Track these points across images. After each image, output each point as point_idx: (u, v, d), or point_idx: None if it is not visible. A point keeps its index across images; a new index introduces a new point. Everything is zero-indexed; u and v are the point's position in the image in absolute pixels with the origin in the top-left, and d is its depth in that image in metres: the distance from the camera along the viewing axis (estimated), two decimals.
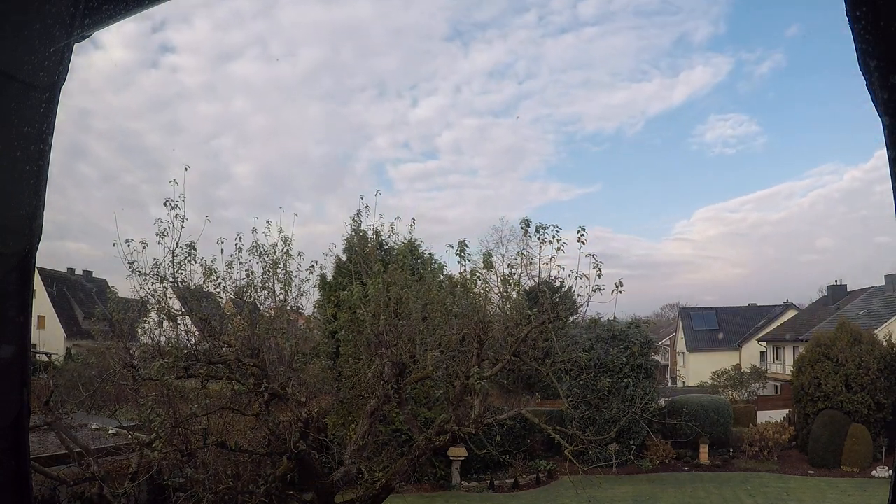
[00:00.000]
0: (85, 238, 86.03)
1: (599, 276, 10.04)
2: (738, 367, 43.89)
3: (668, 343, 68.17)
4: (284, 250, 11.25)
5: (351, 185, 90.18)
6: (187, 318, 10.96)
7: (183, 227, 10.05)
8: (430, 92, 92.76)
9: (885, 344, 28.29)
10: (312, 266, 12.01)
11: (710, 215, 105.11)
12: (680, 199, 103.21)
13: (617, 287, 10.18)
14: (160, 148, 79.18)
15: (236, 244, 10.89)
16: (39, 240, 1.34)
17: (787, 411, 31.34)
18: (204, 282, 10.80)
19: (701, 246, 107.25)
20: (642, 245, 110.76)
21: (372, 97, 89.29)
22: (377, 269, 11.79)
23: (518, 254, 11.18)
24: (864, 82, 1.11)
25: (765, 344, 49.96)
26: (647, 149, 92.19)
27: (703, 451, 27.96)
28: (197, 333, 11.17)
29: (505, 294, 11.49)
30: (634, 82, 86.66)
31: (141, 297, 10.53)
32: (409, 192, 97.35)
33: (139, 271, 10.17)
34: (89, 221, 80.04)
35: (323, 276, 19.76)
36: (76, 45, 1.37)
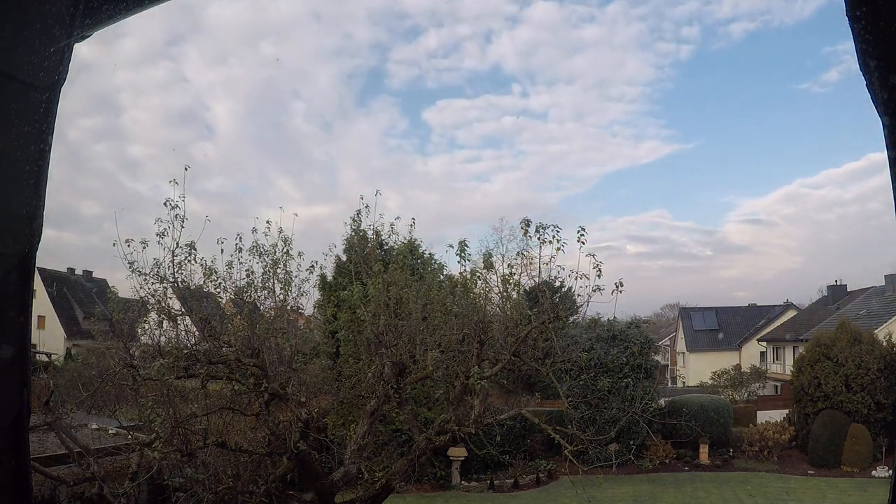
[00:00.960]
0: (68, 225, 73.44)
1: (599, 276, 10.05)
2: (738, 367, 43.84)
3: (668, 343, 68.15)
4: (284, 250, 11.26)
5: (372, 135, 67.09)
6: (187, 318, 10.96)
7: (183, 227, 10.07)
8: None
9: (885, 344, 28.29)
10: (312, 266, 12.04)
11: (790, 192, 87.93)
12: (766, 166, 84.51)
13: (617, 287, 10.19)
14: (99, 65, 58.02)
15: (236, 244, 10.92)
16: (39, 240, 1.34)
17: (787, 411, 31.33)
18: (204, 282, 10.81)
19: (768, 231, 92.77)
20: (701, 230, 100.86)
21: None
22: (377, 269, 11.80)
23: (518, 254, 11.20)
24: (865, 82, 1.11)
25: (765, 344, 49.93)
26: (787, 70, 70.26)
27: (703, 451, 27.96)
28: (197, 333, 11.17)
29: (505, 294, 11.49)
30: None
31: (141, 297, 10.53)
32: (445, 150, 76.93)
33: (139, 271, 10.18)
34: (61, 203, 66.09)
35: (323, 276, 19.78)
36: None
